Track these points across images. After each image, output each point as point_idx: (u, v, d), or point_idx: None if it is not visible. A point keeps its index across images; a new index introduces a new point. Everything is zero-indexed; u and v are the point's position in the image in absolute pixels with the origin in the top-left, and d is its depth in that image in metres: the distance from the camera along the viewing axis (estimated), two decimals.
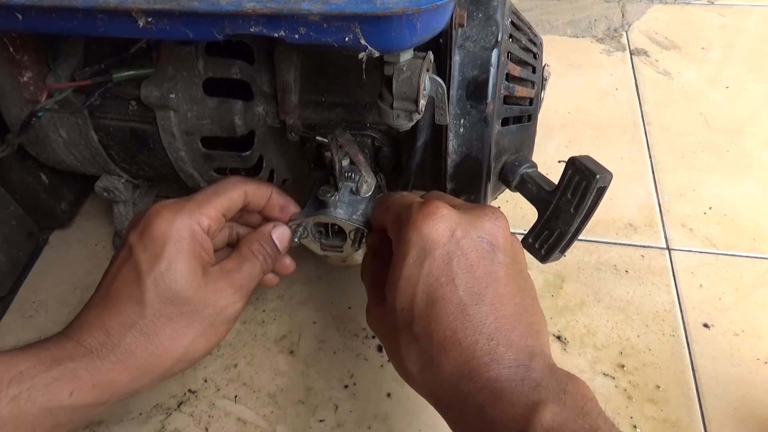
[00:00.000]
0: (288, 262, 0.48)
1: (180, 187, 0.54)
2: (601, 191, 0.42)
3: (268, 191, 0.46)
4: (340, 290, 0.60)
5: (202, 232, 0.41)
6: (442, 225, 0.36)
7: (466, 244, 0.36)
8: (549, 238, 0.44)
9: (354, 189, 0.47)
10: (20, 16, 0.34)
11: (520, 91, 0.46)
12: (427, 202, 0.38)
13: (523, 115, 0.47)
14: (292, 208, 0.47)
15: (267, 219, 0.47)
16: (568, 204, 0.42)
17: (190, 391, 0.53)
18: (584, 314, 0.57)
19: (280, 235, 0.46)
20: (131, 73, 0.46)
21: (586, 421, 0.31)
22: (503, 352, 0.34)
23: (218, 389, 0.53)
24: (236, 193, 0.44)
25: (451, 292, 0.35)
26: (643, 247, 0.63)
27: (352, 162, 0.46)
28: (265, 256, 0.44)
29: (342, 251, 0.48)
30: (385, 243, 0.42)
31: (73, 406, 0.37)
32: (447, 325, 0.35)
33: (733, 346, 0.55)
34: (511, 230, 0.40)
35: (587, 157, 0.41)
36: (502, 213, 0.39)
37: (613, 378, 0.53)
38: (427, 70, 0.38)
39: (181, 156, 0.51)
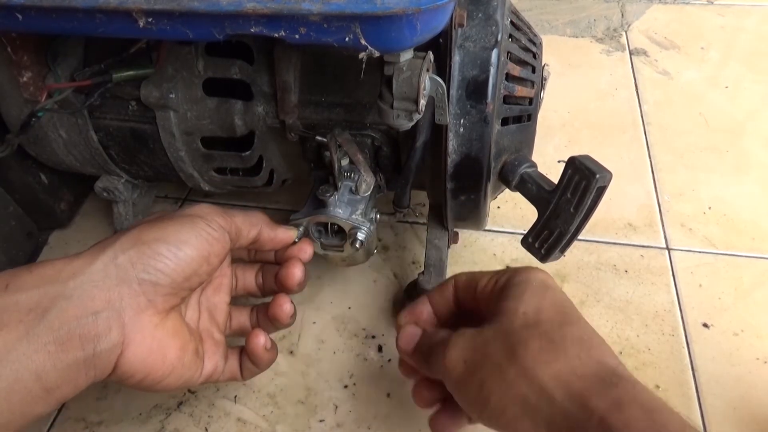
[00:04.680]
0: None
1: (180, 187, 0.54)
2: (601, 191, 0.42)
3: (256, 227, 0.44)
4: (340, 290, 0.60)
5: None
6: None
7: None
8: (549, 238, 0.44)
9: (353, 188, 0.47)
10: (20, 16, 0.34)
11: (520, 90, 0.46)
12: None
13: (522, 115, 0.47)
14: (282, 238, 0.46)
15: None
16: (567, 203, 0.42)
17: (189, 391, 0.53)
18: (584, 314, 0.56)
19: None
20: (131, 73, 0.47)
21: None
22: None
23: (218, 389, 0.53)
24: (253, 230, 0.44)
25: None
26: (643, 247, 0.63)
27: (351, 161, 0.46)
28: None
29: (342, 250, 0.48)
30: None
31: None
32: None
33: (733, 346, 0.55)
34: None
35: (587, 157, 0.42)
36: None
37: None
38: (427, 70, 0.38)
39: (180, 156, 0.51)
